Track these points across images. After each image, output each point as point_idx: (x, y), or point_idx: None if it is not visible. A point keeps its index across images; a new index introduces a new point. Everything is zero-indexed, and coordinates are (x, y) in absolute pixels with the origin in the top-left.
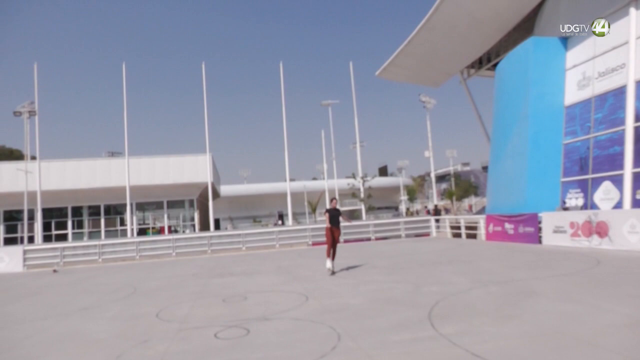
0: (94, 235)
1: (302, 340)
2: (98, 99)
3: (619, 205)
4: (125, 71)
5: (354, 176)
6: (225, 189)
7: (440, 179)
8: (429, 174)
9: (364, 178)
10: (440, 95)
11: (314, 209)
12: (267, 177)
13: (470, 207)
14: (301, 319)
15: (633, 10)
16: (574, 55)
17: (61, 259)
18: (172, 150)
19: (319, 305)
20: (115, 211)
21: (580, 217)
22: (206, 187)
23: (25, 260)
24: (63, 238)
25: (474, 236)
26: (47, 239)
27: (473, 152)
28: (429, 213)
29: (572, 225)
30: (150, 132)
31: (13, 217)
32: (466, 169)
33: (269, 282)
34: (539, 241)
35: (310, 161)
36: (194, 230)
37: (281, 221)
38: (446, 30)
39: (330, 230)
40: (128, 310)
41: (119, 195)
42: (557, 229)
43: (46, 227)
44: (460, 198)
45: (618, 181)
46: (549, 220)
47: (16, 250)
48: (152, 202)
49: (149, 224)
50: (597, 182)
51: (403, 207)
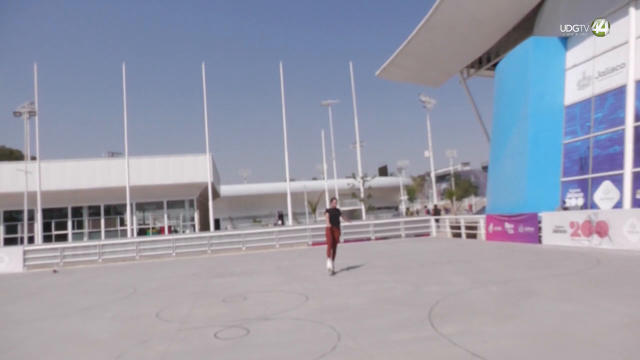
0: (94, 235)
1: (302, 340)
2: (98, 99)
3: (619, 205)
4: (125, 71)
5: (354, 176)
6: (225, 189)
7: (440, 178)
8: (429, 174)
9: (364, 178)
10: (440, 95)
11: (314, 209)
12: (267, 177)
13: (470, 207)
14: (301, 319)
15: (633, 10)
16: (573, 55)
17: (61, 259)
18: (172, 150)
19: (319, 305)
20: (115, 211)
21: (580, 217)
22: (206, 187)
23: (25, 260)
24: (63, 238)
25: (474, 236)
26: (47, 239)
27: (473, 152)
28: (428, 213)
29: (572, 225)
30: (150, 132)
31: (13, 218)
32: (466, 168)
33: (269, 282)
34: (539, 241)
35: (310, 161)
36: (194, 230)
37: (281, 221)
38: (446, 30)
39: (331, 230)
40: (128, 311)
41: (119, 196)
42: (557, 228)
43: (46, 228)
44: (460, 198)
45: (618, 181)
46: (549, 220)
47: (16, 250)
48: (152, 202)
49: (149, 224)
50: (597, 182)
51: (403, 207)
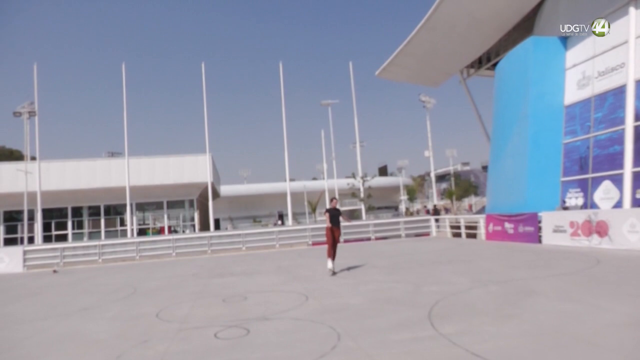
0: (94, 235)
1: (302, 340)
2: (98, 99)
3: (618, 205)
4: (125, 71)
5: (353, 176)
6: (225, 189)
7: (440, 178)
8: (428, 174)
9: (363, 178)
10: (440, 95)
11: (314, 209)
12: (267, 177)
13: (470, 207)
14: (301, 318)
15: (632, 9)
16: (573, 55)
17: (61, 260)
18: (172, 150)
19: (319, 305)
20: (115, 211)
21: (580, 217)
22: (206, 187)
23: (25, 260)
24: (63, 238)
25: (473, 236)
26: (47, 239)
27: (473, 152)
28: (428, 213)
29: (572, 224)
30: (150, 132)
31: (13, 218)
32: (466, 168)
33: (269, 282)
34: (539, 241)
35: (310, 161)
36: (194, 230)
37: (281, 221)
38: (446, 30)
39: (331, 230)
40: (128, 311)
41: (119, 196)
42: (557, 228)
43: (46, 228)
44: (460, 198)
45: (618, 180)
46: (549, 219)
47: (16, 250)
48: (152, 203)
49: (149, 224)
50: (597, 182)
51: (403, 207)
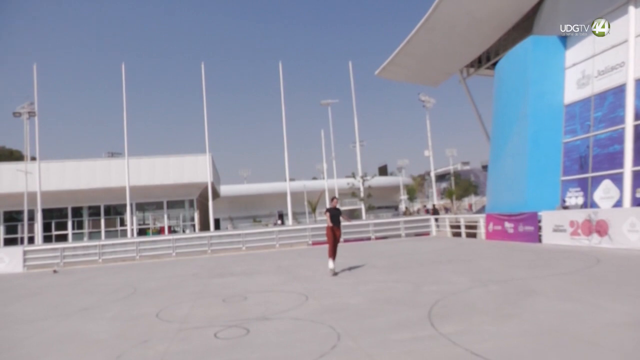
0: (94, 235)
1: (302, 340)
2: (98, 99)
3: (618, 204)
4: (124, 71)
5: (353, 176)
6: (225, 189)
7: (440, 178)
8: (428, 173)
9: (363, 177)
10: (440, 94)
11: (314, 209)
12: (267, 177)
13: (470, 206)
14: (301, 318)
15: (632, 8)
16: (573, 54)
17: (61, 260)
18: (172, 150)
19: (319, 305)
20: (115, 211)
21: (580, 216)
22: (206, 187)
23: (25, 260)
24: (63, 238)
25: (473, 235)
26: (47, 239)
27: (473, 151)
28: (427, 212)
29: (572, 224)
30: (150, 132)
31: (13, 218)
32: (466, 168)
33: (269, 282)
34: (539, 240)
35: (310, 161)
36: (194, 230)
37: (281, 221)
38: (445, 29)
39: (332, 230)
40: (128, 311)
41: (119, 196)
42: (557, 227)
43: (46, 228)
44: (460, 197)
45: (618, 180)
46: (549, 219)
47: (16, 250)
48: (152, 203)
49: (149, 224)
50: (597, 181)
51: (403, 207)
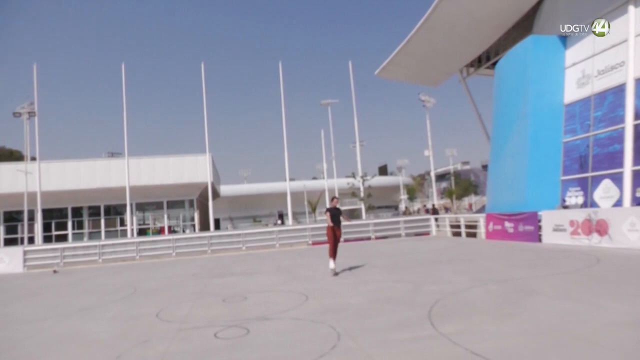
0: (94, 235)
1: (302, 340)
2: (98, 99)
3: (618, 203)
4: (124, 71)
5: (353, 175)
6: (225, 189)
7: (440, 177)
8: (428, 173)
9: (363, 177)
10: (440, 94)
11: (313, 209)
12: (267, 177)
13: (470, 206)
14: (301, 318)
15: (632, 8)
16: (573, 54)
17: (61, 260)
18: (172, 150)
19: (319, 305)
20: (115, 211)
21: (580, 216)
22: (206, 187)
23: (25, 260)
24: (63, 239)
25: (473, 235)
26: (47, 239)
27: (473, 151)
28: (427, 212)
29: (572, 223)
30: (150, 132)
31: (13, 218)
32: (466, 167)
33: (269, 282)
34: (539, 239)
35: (310, 161)
36: (194, 230)
37: (281, 221)
38: (445, 29)
39: (332, 230)
40: (128, 311)
41: (119, 196)
42: (557, 227)
43: (46, 228)
44: (460, 197)
45: (618, 179)
46: (549, 218)
47: (16, 251)
48: (152, 203)
49: (149, 224)
50: (597, 180)
51: (402, 206)
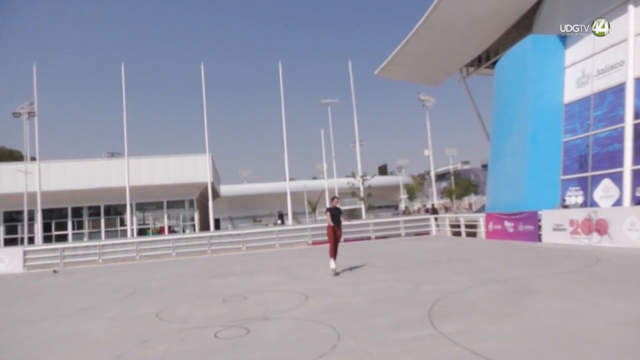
0: (94, 235)
1: (302, 340)
2: (97, 99)
3: (618, 203)
4: (124, 71)
5: (353, 175)
6: (225, 189)
7: (440, 177)
8: (428, 173)
9: (363, 177)
10: (440, 93)
11: (313, 209)
12: (267, 177)
13: (470, 206)
14: (301, 318)
15: (632, 7)
16: (573, 53)
17: (61, 260)
18: (172, 150)
19: (319, 305)
20: (115, 211)
21: (580, 215)
22: (206, 187)
23: (25, 261)
24: (63, 239)
25: (473, 234)
26: (47, 239)
27: (473, 151)
28: (427, 212)
29: (572, 223)
30: (150, 132)
31: (13, 218)
32: (466, 167)
33: (269, 282)
34: (539, 239)
35: (310, 161)
36: (194, 230)
37: (281, 221)
38: (445, 29)
39: (333, 230)
40: (128, 311)
41: (119, 196)
42: (557, 226)
43: (46, 228)
44: (460, 196)
45: (618, 179)
46: (549, 218)
47: (16, 251)
48: (152, 203)
49: (149, 224)
50: (597, 180)
51: (402, 206)
